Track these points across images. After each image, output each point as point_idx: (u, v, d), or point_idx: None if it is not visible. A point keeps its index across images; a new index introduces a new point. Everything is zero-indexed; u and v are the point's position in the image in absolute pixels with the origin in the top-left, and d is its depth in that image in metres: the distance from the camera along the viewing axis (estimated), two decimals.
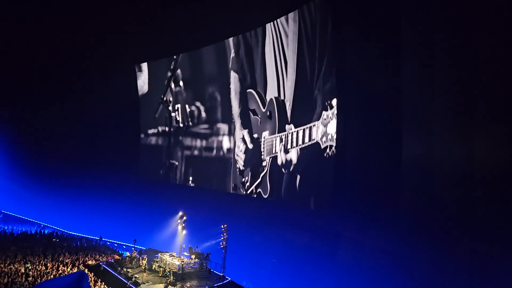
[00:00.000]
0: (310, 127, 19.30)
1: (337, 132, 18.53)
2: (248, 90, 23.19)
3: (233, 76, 24.16)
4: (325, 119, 18.47)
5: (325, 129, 18.44)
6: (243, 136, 23.38)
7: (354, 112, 18.75)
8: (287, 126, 20.44)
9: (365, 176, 18.20)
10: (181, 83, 27.97)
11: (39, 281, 18.01)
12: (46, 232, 29.86)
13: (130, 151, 33.52)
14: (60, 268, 20.34)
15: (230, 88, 24.24)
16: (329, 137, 18.25)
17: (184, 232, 22.37)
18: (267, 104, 21.82)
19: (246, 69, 23.10)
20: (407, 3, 16.93)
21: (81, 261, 21.89)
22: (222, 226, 20.03)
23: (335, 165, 18.53)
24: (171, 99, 28.80)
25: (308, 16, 19.23)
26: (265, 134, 21.99)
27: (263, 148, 22.18)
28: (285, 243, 21.59)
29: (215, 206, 25.86)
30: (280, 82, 20.97)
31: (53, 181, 34.59)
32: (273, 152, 21.49)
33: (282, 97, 21.06)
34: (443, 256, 15.15)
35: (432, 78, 16.06)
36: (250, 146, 22.82)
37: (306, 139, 19.52)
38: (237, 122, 24.00)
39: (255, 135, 23.12)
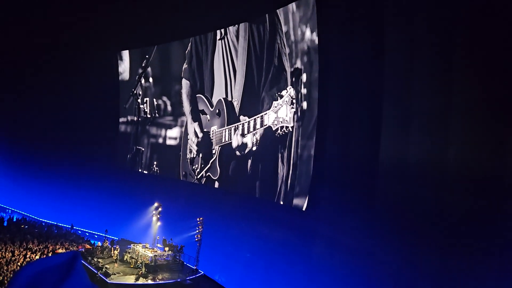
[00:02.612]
0: (262, 116, 21.71)
1: (317, 131, 18.81)
2: (197, 95, 26.80)
3: (185, 83, 27.87)
4: (275, 107, 20.74)
5: (276, 115, 20.72)
6: (194, 129, 26.47)
7: (333, 110, 18.98)
8: (241, 117, 23.10)
9: (342, 174, 18.35)
10: (150, 80, 30.67)
11: (5, 268, 17.51)
12: (14, 217, 29.03)
13: (105, 138, 32.89)
14: (28, 256, 19.83)
15: (182, 92, 28.00)
16: (280, 120, 20.50)
17: (159, 223, 22.15)
18: (215, 104, 25.34)
19: (197, 77, 26.82)
20: (388, 6, 17.12)
21: (50, 249, 21.34)
22: (198, 219, 19.91)
23: (284, 143, 20.33)
24: (140, 92, 31.29)
25: (257, 36, 22.41)
26: (214, 128, 25.19)
27: (212, 139, 25.29)
28: (260, 238, 21.64)
29: (191, 198, 25.78)
30: (228, 86, 24.43)
31: (24, 165, 33.61)
32: (222, 141, 24.51)
33: (230, 99, 24.28)
34: (418, 256, 15.29)
35: (413, 79, 16.26)
36: (200, 135, 25.89)
37: (258, 126, 22.02)
38: (189, 118, 27.34)
39: (205, 129, 26.36)
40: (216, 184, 24.96)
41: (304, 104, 19.34)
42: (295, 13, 19.98)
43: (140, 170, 31.11)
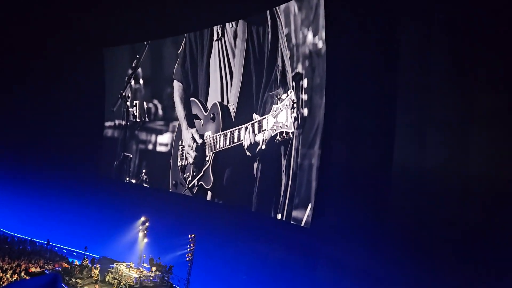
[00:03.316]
0: (260, 120, 21.33)
1: (323, 140, 18.10)
2: (191, 99, 26.15)
3: (177, 85, 27.14)
4: (275, 111, 20.33)
5: (275, 119, 20.31)
6: (192, 134, 25.67)
7: (340, 116, 18.59)
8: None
9: (351, 187, 17.71)
10: (141, 81, 30.13)
11: None
12: None
13: (88, 144, 31.64)
14: None
15: (174, 95, 27.24)
16: (280, 125, 20.04)
17: (146, 240, 21.37)
18: (209, 108, 24.82)
19: (190, 79, 26.15)
20: (402, 9, 16.84)
21: (23, 268, 20.39)
22: (190, 236, 19.11)
23: (284, 150, 19.81)
24: (129, 95, 30.71)
25: (256, 37, 22.00)
26: (208, 133, 24.68)
27: (206, 145, 24.81)
28: (257, 258, 20.75)
29: (182, 212, 24.85)
30: (224, 90, 23.86)
31: None
32: (217, 147, 24.07)
33: (226, 103, 23.77)
34: (431, 279, 14.60)
35: (428, 83, 16.04)
36: (200, 141, 25.18)
37: (256, 131, 21.61)
38: (183, 124, 26.56)
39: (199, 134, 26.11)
40: (209, 195, 24.13)
41: (305, 111, 18.94)
42: (296, 15, 19.68)
43: (127, 179, 30.18)
